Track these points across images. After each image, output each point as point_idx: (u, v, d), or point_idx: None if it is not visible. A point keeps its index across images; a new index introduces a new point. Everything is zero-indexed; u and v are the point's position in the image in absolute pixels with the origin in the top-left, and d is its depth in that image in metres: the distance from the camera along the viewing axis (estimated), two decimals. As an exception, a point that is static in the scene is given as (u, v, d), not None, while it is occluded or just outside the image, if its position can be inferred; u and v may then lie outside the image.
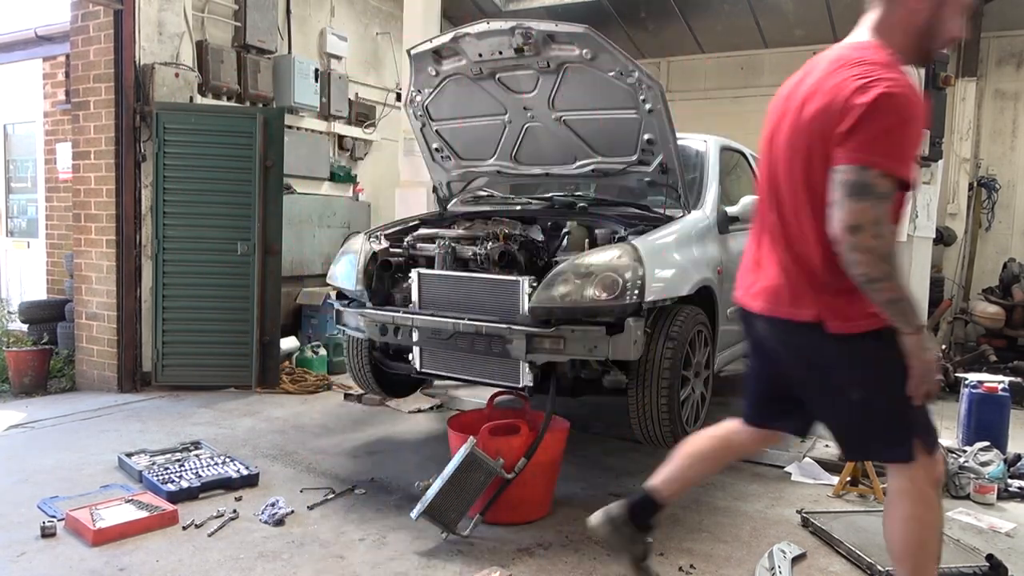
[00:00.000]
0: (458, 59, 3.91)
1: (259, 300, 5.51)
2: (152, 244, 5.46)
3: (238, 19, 6.38)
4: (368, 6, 7.93)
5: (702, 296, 3.70)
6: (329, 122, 7.29)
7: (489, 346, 3.32)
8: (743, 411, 2.35)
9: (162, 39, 5.56)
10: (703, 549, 3.03)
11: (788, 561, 2.87)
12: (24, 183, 7.54)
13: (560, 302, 3.21)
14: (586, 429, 4.62)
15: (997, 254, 7.36)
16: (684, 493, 2.54)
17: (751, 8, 7.37)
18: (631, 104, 3.68)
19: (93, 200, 5.56)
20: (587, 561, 2.89)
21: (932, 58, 2.16)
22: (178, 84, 5.58)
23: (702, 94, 8.52)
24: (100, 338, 5.58)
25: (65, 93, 6.60)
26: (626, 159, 3.95)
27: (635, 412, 3.42)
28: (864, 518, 3.32)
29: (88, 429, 4.55)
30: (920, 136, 1.86)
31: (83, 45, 5.55)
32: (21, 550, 2.90)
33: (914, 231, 4.04)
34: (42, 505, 3.28)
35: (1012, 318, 6.73)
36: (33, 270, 7.33)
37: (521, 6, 7.71)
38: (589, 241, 3.73)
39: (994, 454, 3.82)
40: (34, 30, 6.69)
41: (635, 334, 3.19)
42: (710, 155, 4.40)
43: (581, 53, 3.56)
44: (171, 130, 5.39)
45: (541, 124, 4.04)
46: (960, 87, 7.04)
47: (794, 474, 3.95)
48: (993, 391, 4.16)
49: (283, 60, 6.67)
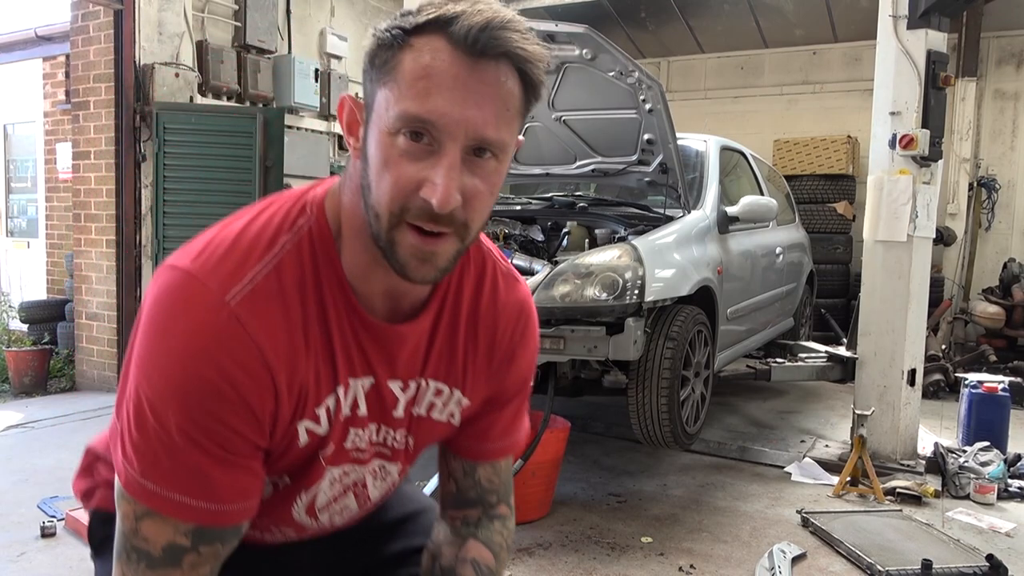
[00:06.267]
0: (458, 59, 3.90)
1: (259, 300, 5.51)
2: (152, 244, 5.46)
3: (238, 19, 6.37)
4: (368, 6, 7.93)
5: (702, 296, 3.70)
6: (329, 122, 7.28)
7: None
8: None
9: (162, 39, 5.56)
10: (703, 549, 3.03)
11: (788, 561, 2.86)
12: (24, 183, 7.53)
13: (560, 302, 3.21)
14: (586, 429, 4.62)
15: (997, 254, 7.35)
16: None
17: (751, 8, 7.37)
18: (631, 104, 3.68)
19: (93, 200, 5.56)
20: (587, 561, 2.89)
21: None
22: (178, 84, 5.57)
23: (702, 94, 8.52)
24: (100, 338, 5.58)
25: (65, 93, 6.60)
26: (626, 159, 3.95)
27: (635, 412, 3.42)
28: (864, 518, 3.32)
29: (88, 429, 4.54)
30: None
31: (83, 45, 5.55)
32: (21, 550, 2.90)
33: (914, 231, 4.03)
34: (42, 505, 3.28)
35: (1012, 318, 6.72)
36: (33, 270, 7.32)
37: (521, 6, 7.69)
38: (589, 241, 3.72)
39: (994, 454, 3.82)
40: (34, 30, 6.68)
41: (635, 334, 3.19)
42: (710, 155, 4.40)
43: (581, 53, 3.56)
44: (171, 130, 5.39)
45: (541, 124, 4.04)
46: (960, 87, 7.04)
47: (794, 474, 3.95)
48: (993, 391, 4.16)
49: (283, 60, 6.66)
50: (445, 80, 0.76)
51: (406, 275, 0.84)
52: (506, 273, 1.07)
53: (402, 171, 0.78)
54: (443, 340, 0.99)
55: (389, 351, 0.93)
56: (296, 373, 0.87)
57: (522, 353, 1.07)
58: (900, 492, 3.64)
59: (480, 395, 1.05)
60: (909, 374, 4.11)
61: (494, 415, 1.09)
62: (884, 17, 4.08)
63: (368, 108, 0.83)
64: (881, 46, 4.13)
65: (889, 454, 4.10)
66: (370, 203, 0.82)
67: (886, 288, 4.12)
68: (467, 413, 1.05)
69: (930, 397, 5.48)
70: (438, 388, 1.00)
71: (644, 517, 3.35)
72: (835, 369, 4.64)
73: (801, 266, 5.73)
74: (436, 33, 0.77)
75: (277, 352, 0.84)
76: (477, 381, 1.03)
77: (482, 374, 1.03)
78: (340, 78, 7.31)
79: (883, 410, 4.10)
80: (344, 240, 0.89)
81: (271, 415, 0.87)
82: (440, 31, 0.77)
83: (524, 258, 3.51)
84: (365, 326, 0.91)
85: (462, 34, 0.76)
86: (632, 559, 2.93)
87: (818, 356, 4.85)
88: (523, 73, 0.80)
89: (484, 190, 0.82)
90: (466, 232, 0.83)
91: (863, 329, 4.23)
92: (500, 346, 1.04)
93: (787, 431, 4.74)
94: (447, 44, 0.76)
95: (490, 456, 1.11)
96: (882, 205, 4.09)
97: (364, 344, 0.91)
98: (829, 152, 7.35)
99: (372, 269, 0.89)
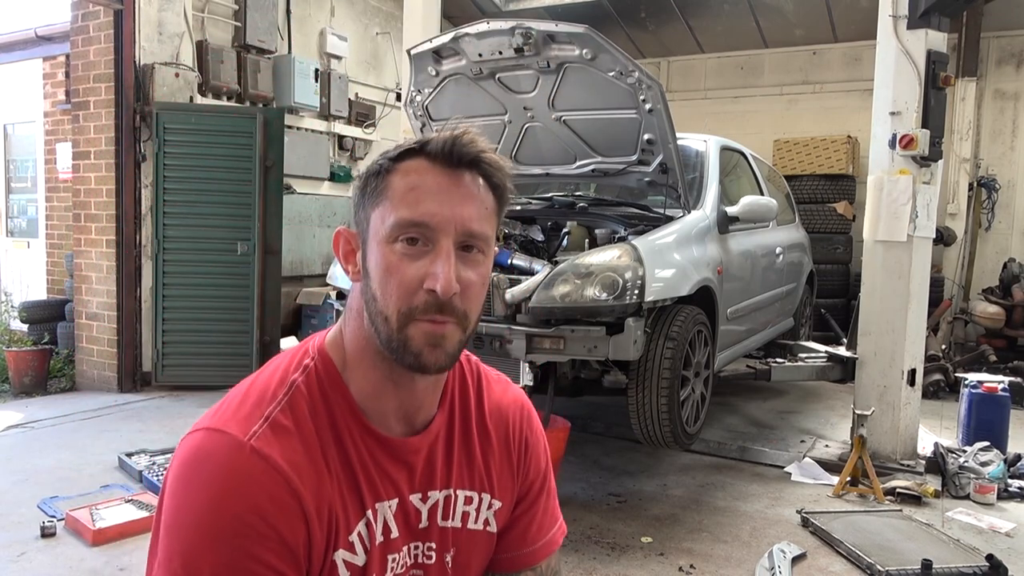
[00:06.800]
0: (458, 59, 3.91)
1: (259, 300, 5.51)
2: (152, 244, 5.46)
3: (238, 19, 6.37)
4: (368, 6, 7.93)
5: (702, 296, 3.70)
6: (329, 122, 7.28)
7: (489, 346, 3.33)
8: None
9: (162, 39, 5.56)
10: (703, 549, 3.03)
11: (788, 561, 2.86)
12: (24, 183, 7.53)
13: (560, 302, 3.21)
14: (586, 429, 4.63)
15: (997, 254, 7.35)
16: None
17: (751, 8, 7.37)
18: (631, 104, 3.68)
19: (93, 200, 5.56)
20: (587, 561, 2.89)
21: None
22: (178, 84, 5.57)
23: (702, 94, 8.52)
24: (100, 338, 5.58)
25: (65, 93, 6.60)
26: (626, 159, 3.95)
27: (635, 412, 3.42)
28: (864, 518, 3.32)
29: (88, 429, 4.54)
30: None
31: (83, 45, 5.55)
32: (21, 550, 2.90)
33: (914, 231, 4.03)
34: (42, 505, 3.28)
35: (1012, 318, 6.73)
36: (33, 270, 7.32)
37: (521, 6, 7.70)
38: (589, 241, 3.73)
39: (994, 454, 3.82)
40: (34, 30, 6.68)
41: (635, 334, 3.19)
42: (710, 155, 4.40)
43: (581, 53, 3.56)
44: (171, 130, 5.39)
45: (541, 124, 4.04)
46: (960, 87, 7.04)
47: (794, 474, 3.95)
48: (993, 391, 4.16)
49: (283, 60, 6.66)
50: (431, 188, 0.89)
51: (421, 365, 0.90)
52: (498, 378, 1.14)
53: (405, 271, 0.89)
54: (460, 447, 1.04)
55: (409, 465, 0.98)
56: (323, 497, 0.90)
57: (534, 444, 1.13)
58: (900, 492, 3.64)
59: (508, 495, 1.09)
60: (909, 374, 4.11)
61: (528, 515, 1.11)
62: (884, 17, 4.08)
63: (363, 232, 0.94)
64: (881, 46, 4.13)
65: (889, 454, 4.10)
66: (377, 311, 0.90)
67: (886, 288, 4.12)
68: (501, 518, 1.08)
69: (930, 397, 5.49)
70: (467, 496, 1.04)
71: (644, 517, 3.35)
72: (835, 369, 4.64)
73: (801, 266, 5.74)
74: (416, 156, 0.91)
75: (301, 478, 0.88)
76: (503, 481, 1.07)
77: (505, 473, 1.08)
78: (340, 78, 7.31)
79: (883, 410, 4.10)
80: (351, 367, 0.96)
81: (304, 545, 0.88)
82: (419, 153, 0.91)
83: (524, 258, 3.52)
84: (381, 444, 0.95)
85: (437, 150, 0.90)
86: (632, 559, 2.93)
87: (818, 356, 4.85)
88: (489, 179, 0.94)
89: (477, 281, 0.92)
90: (466, 322, 0.92)
91: (863, 329, 4.24)
92: (514, 442, 1.10)
93: (787, 431, 4.74)
94: (426, 162, 0.91)
95: (533, 559, 1.11)
96: (882, 205, 4.09)
97: (384, 464, 0.95)
98: (829, 152, 7.35)
99: (383, 386, 0.95)
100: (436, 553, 1.01)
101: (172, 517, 0.86)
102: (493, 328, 3.30)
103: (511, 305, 3.28)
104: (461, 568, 1.04)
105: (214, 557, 0.82)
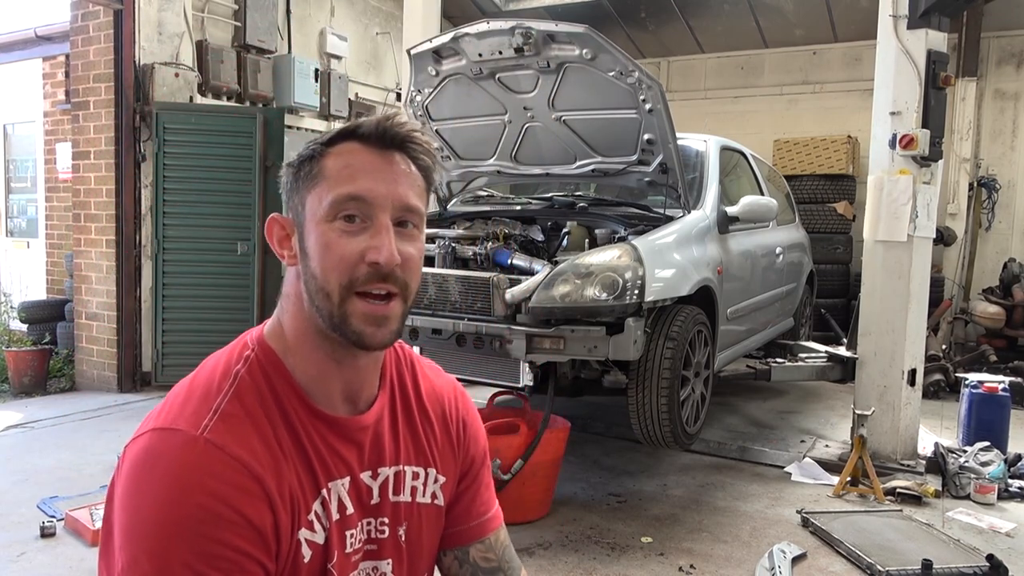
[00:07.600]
0: (458, 59, 3.90)
1: (259, 300, 5.51)
2: (152, 244, 5.46)
3: (238, 19, 6.37)
4: (368, 6, 7.93)
5: (702, 296, 3.70)
6: (329, 122, 7.28)
7: (489, 346, 3.32)
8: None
9: (162, 39, 5.56)
10: (703, 549, 3.03)
11: (788, 561, 2.86)
12: (24, 183, 7.53)
13: (560, 302, 3.21)
14: (586, 429, 4.62)
15: (997, 254, 7.35)
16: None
17: (751, 8, 7.37)
18: (631, 104, 3.67)
19: (93, 200, 5.56)
20: (587, 561, 2.89)
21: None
22: (178, 84, 5.57)
23: (702, 94, 8.52)
24: (100, 338, 5.58)
25: (65, 93, 6.60)
26: (626, 159, 3.95)
27: (635, 412, 3.42)
28: (864, 518, 3.32)
29: (88, 429, 4.54)
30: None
31: (83, 45, 5.55)
32: (21, 550, 2.89)
33: (914, 231, 4.03)
34: (42, 505, 3.28)
35: (1012, 318, 6.72)
36: (33, 270, 7.32)
37: (521, 6, 7.70)
38: (589, 241, 3.72)
39: (994, 454, 3.82)
40: (34, 30, 6.68)
41: (635, 334, 3.19)
42: (710, 155, 4.40)
43: (581, 53, 3.56)
44: (171, 130, 5.39)
45: (541, 124, 4.04)
46: (960, 87, 7.04)
47: (794, 474, 3.95)
48: (993, 391, 4.16)
49: (283, 60, 6.66)
50: (365, 167, 0.92)
51: (363, 342, 0.92)
52: (430, 365, 1.19)
53: (344, 247, 0.90)
54: (404, 426, 1.08)
55: (358, 443, 1.00)
56: (283, 479, 0.91)
57: (472, 422, 1.17)
58: (900, 492, 3.64)
59: (452, 471, 1.13)
60: (909, 374, 4.11)
61: (471, 490, 1.16)
62: (884, 17, 4.08)
63: (297, 216, 0.96)
64: (881, 46, 4.12)
65: (889, 454, 4.10)
66: (317, 288, 0.92)
67: (886, 288, 4.12)
68: (447, 492, 1.12)
69: (930, 397, 5.48)
70: (415, 472, 1.07)
71: (644, 517, 3.35)
72: (835, 369, 4.64)
73: (801, 266, 5.73)
74: (348, 139, 0.94)
75: (260, 462, 0.88)
76: (445, 457, 1.12)
77: (447, 450, 1.12)
78: (340, 78, 7.31)
79: (883, 410, 4.10)
80: (292, 352, 0.97)
81: (272, 528, 0.88)
82: (351, 136, 0.94)
83: (524, 258, 3.51)
84: (329, 425, 0.97)
85: (369, 131, 0.93)
86: (632, 559, 2.93)
87: (818, 356, 4.85)
88: (417, 160, 0.96)
89: (415, 255, 0.95)
90: (408, 292, 0.94)
91: (863, 329, 4.23)
92: (451, 420, 1.14)
93: (787, 431, 4.74)
94: (358, 144, 0.94)
95: (481, 532, 1.15)
96: (882, 205, 4.09)
97: (333, 444, 0.97)
98: (829, 152, 7.35)
99: (326, 367, 0.96)
100: (389, 528, 1.04)
101: (130, 520, 0.84)
102: (493, 328, 3.29)
103: (511, 305, 3.28)
104: (413, 541, 1.07)
105: (183, 550, 0.81)
